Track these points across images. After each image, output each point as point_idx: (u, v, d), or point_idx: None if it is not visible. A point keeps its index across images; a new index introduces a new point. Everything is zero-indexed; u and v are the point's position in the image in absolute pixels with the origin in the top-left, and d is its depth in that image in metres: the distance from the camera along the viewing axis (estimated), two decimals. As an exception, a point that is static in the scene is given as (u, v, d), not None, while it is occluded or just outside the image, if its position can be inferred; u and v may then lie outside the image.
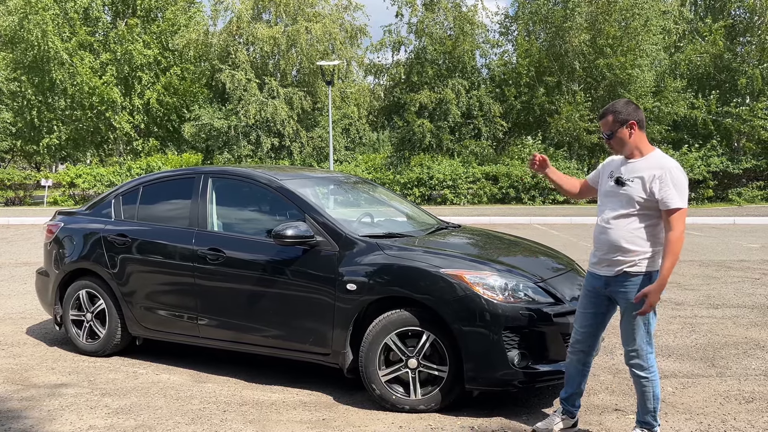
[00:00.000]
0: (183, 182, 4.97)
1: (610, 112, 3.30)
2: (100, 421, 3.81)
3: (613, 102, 3.37)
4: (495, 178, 22.73)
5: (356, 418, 3.81)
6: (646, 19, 22.46)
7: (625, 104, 3.32)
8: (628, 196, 3.23)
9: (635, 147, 3.28)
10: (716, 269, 8.96)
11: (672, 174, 3.15)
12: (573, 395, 3.55)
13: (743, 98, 24.41)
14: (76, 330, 5.17)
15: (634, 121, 3.26)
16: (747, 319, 6.08)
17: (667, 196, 3.12)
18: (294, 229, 4.11)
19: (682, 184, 3.15)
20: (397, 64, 26.41)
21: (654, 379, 3.27)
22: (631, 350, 3.28)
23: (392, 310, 3.89)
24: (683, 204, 3.13)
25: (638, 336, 3.24)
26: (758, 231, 14.38)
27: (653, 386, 3.26)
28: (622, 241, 3.22)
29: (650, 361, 3.26)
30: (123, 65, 27.15)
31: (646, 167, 3.22)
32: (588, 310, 3.43)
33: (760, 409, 3.89)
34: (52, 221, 5.56)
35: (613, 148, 3.37)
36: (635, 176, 3.23)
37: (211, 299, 4.53)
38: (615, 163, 3.40)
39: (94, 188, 23.28)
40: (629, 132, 3.26)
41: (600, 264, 3.34)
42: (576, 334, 3.47)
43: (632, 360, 3.28)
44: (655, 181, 3.15)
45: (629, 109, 3.29)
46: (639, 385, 3.29)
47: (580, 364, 3.49)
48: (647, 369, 3.25)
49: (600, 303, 3.40)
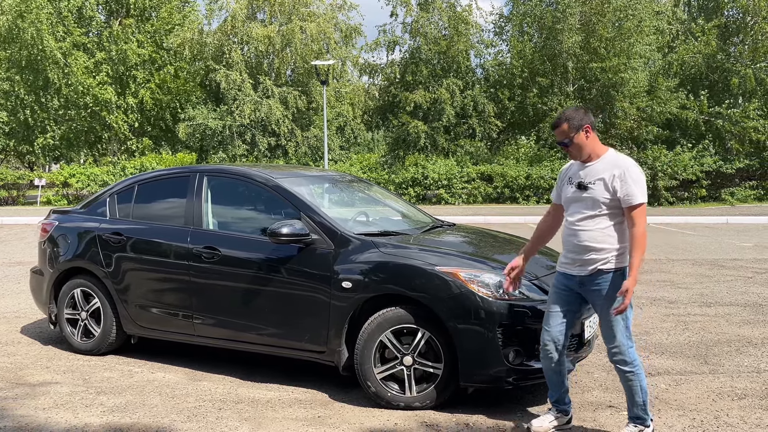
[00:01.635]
0: (178, 181, 4.97)
1: (564, 120, 3.35)
2: (95, 419, 3.81)
3: (563, 110, 3.43)
4: (490, 177, 22.78)
5: (351, 416, 3.83)
6: (640, 19, 22.54)
7: (576, 110, 3.38)
8: (593, 198, 3.30)
9: (592, 150, 3.35)
10: (709, 268, 9.01)
11: (631, 172, 3.24)
12: (562, 394, 3.57)
13: (735, 98, 24.53)
14: (70, 329, 5.16)
15: (588, 125, 3.33)
16: (739, 317, 6.13)
17: (629, 194, 3.22)
18: (289, 227, 4.12)
19: (641, 181, 3.25)
20: (391, 63, 26.42)
21: (639, 372, 3.31)
22: (613, 347, 3.32)
23: (387, 307, 3.90)
24: (644, 199, 3.23)
25: (618, 332, 3.29)
26: (751, 230, 14.47)
27: (639, 380, 3.31)
28: (592, 241, 3.30)
29: (632, 355, 3.31)
30: (117, 65, 27.07)
31: (604, 168, 3.30)
32: (559, 309, 3.46)
33: (752, 406, 3.93)
34: (47, 220, 5.55)
35: (572, 154, 3.41)
36: (596, 178, 3.30)
37: (206, 297, 4.53)
38: (572, 169, 3.46)
39: (88, 188, 23.20)
40: (585, 135, 3.33)
41: (573, 264, 3.39)
42: (546, 335, 3.48)
43: (616, 357, 3.32)
44: (616, 180, 3.24)
45: (581, 114, 3.35)
46: (625, 380, 3.33)
47: (556, 364, 3.50)
48: (631, 363, 3.30)
49: (572, 301, 3.45)
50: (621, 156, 3.34)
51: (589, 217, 3.31)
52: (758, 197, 22.41)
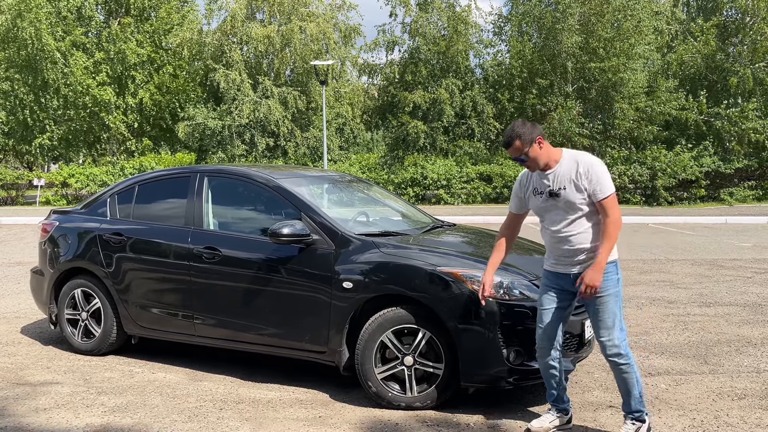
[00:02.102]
0: (179, 181, 4.98)
1: (515, 137, 3.34)
2: (96, 419, 3.81)
3: (509, 128, 3.39)
4: (489, 178, 22.78)
5: (352, 416, 3.83)
6: (639, 20, 22.55)
7: (523, 125, 3.37)
8: (568, 201, 3.32)
9: (548, 158, 3.37)
10: (708, 268, 9.02)
11: (593, 167, 3.29)
12: (559, 393, 3.58)
13: (735, 98, 24.55)
14: (71, 329, 5.16)
15: (540, 136, 3.35)
16: (739, 317, 6.14)
17: (597, 187, 3.26)
18: (290, 227, 4.12)
19: (605, 172, 3.30)
20: (390, 63, 26.41)
21: (633, 363, 3.35)
22: (607, 340, 3.32)
23: (388, 307, 3.91)
24: (612, 189, 3.28)
25: (612, 325, 3.32)
26: (750, 230, 14.48)
27: (634, 371, 3.34)
28: (583, 242, 3.34)
29: (626, 348, 3.34)
30: (116, 65, 27.05)
31: (567, 170, 3.32)
32: (551, 306, 3.48)
33: (752, 406, 3.94)
34: (47, 220, 5.55)
35: (531, 167, 3.43)
36: (564, 183, 3.33)
37: (207, 298, 4.54)
38: (534, 179, 3.46)
39: (87, 188, 23.19)
40: (539, 147, 3.35)
41: (567, 266, 3.41)
42: (541, 334, 3.50)
43: (611, 350, 3.33)
44: (582, 179, 3.28)
45: (529, 128, 3.36)
46: (620, 372, 3.35)
47: (552, 362, 3.52)
48: (625, 356, 3.33)
49: (564, 298, 3.47)
50: (578, 154, 3.38)
51: (572, 221, 3.34)
52: (757, 197, 22.43)
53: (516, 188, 3.58)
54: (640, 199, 21.81)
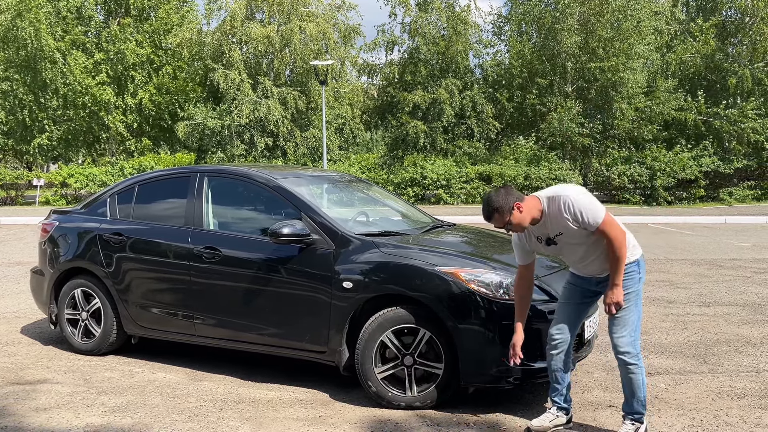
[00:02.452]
0: (179, 181, 4.98)
1: (494, 210, 3.32)
2: (96, 419, 3.81)
3: (485, 201, 3.37)
4: (488, 178, 22.77)
5: (352, 415, 3.83)
6: (639, 20, 22.56)
7: (497, 195, 3.34)
8: (570, 241, 3.36)
9: (531, 215, 3.35)
10: (708, 268, 9.03)
11: (575, 203, 3.25)
12: (564, 391, 3.59)
13: (734, 98, 24.56)
14: (71, 329, 5.16)
15: (516, 202, 3.32)
16: (738, 317, 6.14)
17: (587, 219, 3.24)
18: (290, 227, 4.12)
19: (587, 202, 3.26)
20: (390, 63, 26.40)
21: (641, 366, 3.36)
22: (620, 337, 3.34)
23: (388, 307, 3.91)
24: (602, 213, 3.25)
25: (630, 322, 3.33)
26: (749, 230, 14.49)
27: (641, 373, 3.36)
28: (605, 263, 3.36)
29: (638, 348, 3.36)
30: (116, 64, 27.04)
31: (554, 215, 3.31)
32: (573, 301, 3.52)
33: (751, 405, 3.94)
34: (47, 220, 5.55)
35: (518, 230, 3.43)
36: (558, 229, 3.34)
37: (207, 297, 4.54)
38: (531, 229, 3.44)
39: (87, 188, 23.18)
40: (519, 212, 3.33)
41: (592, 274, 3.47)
42: (556, 329, 3.52)
43: (622, 348, 3.34)
44: (571, 218, 3.26)
45: (501, 197, 3.32)
46: (628, 373, 3.36)
47: (564, 355, 3.54)
48: (636, 356, 3.34)
49: (586, 294, 3.52)
50: (555, 195, 3.31)
51: (585, 253, 3.38)
52: (756, 197, 22.45)
53: (516, 241, 3.57)
54: (640, 199, 21.83)
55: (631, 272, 3.34)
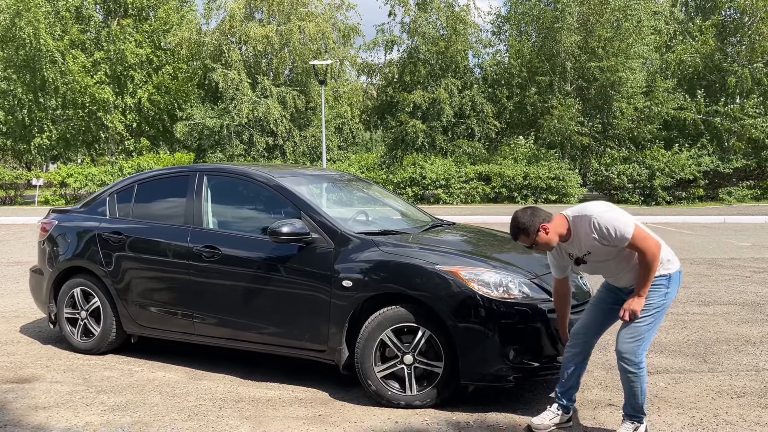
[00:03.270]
0: (178, 180, 4.97)
1: (520, 231, 3.37)
2: (96, 417, 3.81)
3: (513, 221, 3.41)
4: (488, 177, 22.78)
5: (352, 414, 3.83)
6: (638, 20, 22.57)
7: (524, 216, 3.37)
8: (599, 259, 3.35)
9: (559, 236, 3.36)
10: (707, 267, 9.03)
11: (602, 221, 3.24)
12: (570, 390, 3.58)
13: (733, 98, 24.58)
14: (70, 328, 5.16)
15: (542, 223, 3.34)
16: (738, 316, 6.14)
17: (617, 237, 3.22)
18: (290, 226, 4.12)
19: (614, 219, 3.25)
20: (389, 63, 26.42)
21: (642, 375, 3.32)
22: (626, 339, 3.31)
23: (388, 306, 3.91)
24: (631, 229, 3.22)
25: (640, 329, 3.29)
26: (748, 230, 14.50)
27: (641, 382, 3.32)
28: (634, 276, 3.34)
29: (641, 357, 3.31)
30: (115, 64, 27.02)
31: (584, 235, 3.30)
32: (602, 303, 3.52)
33: (751, 404, 3.94)
34: (46, 219, 5.54)
35: (545, 250, 3.46)
36: (586, 248, 3.34)
37: (206, 296, 4.53)
38: (562, 246, 3.45)
39: (86, 188, 23.16)
40: (545, 233, 3.35)
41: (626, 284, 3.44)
42: (582, 325, 3.53)
43: (625, 351, 3.31)
44: (599, 238, 3.25)
45: (527, 217, 3.35)
46: (627, 380, 3.34)
47: (581, 356, 3.53)
48: (637, 364, 3.30)
49: (618, 299, 3.47)
50: (581, 214, 3.32)
51: (616, 266, 3.37)
52: (755, 197, 22.45)
53: (550, 258, 3.59)
54: (639, 199, 21.83)
55: (659, 285, 3.30)
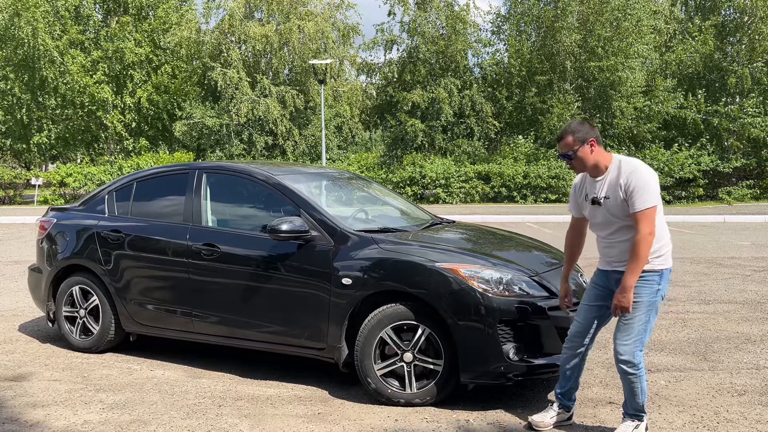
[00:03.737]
0: (177, 178, 4.96)
1: (569, 132, 3.31)
2: (94, 416, 3.79)
3: (568, 123, 3.38)
4: (487, 177, 22.77)
5: (352, 412, 3.82)
6: (638, 19, 22.56)
7: (581, 124, 3.34)
8: (612, 211, 3.26)
9: (598, 163, 3.31)
10: (707, 266, 9.02)
11: (636, 176, 3.17)
12: (570, 389, 3.57)
13: (733, 97, 24.56)
14: (69, 326, 5.14)
15: (594, 139, 3.29)
16: (738, 315, 6.13)
17: (635, 200, 3.16)
18: (289, 223, 4.11)
19: (646, 183, 3.15)
20: (389, 63, 26.40)
21: (641, 375, 3.29)
22: (623, 344, 3.27)
23: (387, 304, 3.90)
24: (647, 204, 3.13)
25: (634, 330, 3.25)
26: (748, 229, 14.49)
27: (640, 382, 3.29)
28: (626, 250, 3.24)
29: (639, 358, 3.28)
30: (114, 63, 27.00)
31: (614, 179, 3.25)
32: (594, 302, 3.46)
33: (752, 402, 3.93)
34: (45, 217, 5.53)
35: (575, 168, 3.39)
36: (609, 192, 3.26)
37: (205, 295, 4.52)
38: (586, 184, 3.42)
39: (85, 187, 23.15)
40: (590, 149, 3.29)
41: (617, 263, 3.33)
42: (577, 327, 3.49)
43: (622, 356, 3.27)
44: (622, 188, 3.19)
45: (586, 128, 3.32)
46: (627, 381, 3.31)
47: (578, 357, 3.51)
48: (636, 366, 3.26)
49: (609, 297, 3.41)
50: (625, 161, 3.26)
51: (616, 230, 3.28)
52: (755, 196, 22.45)
53: (572, 192, 3.56)
54: (638, 198, 21.81)
55: (650, 281, 3.22)
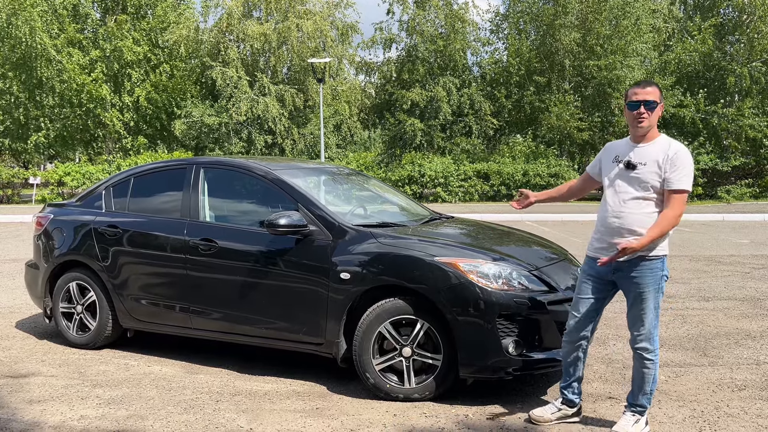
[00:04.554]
0: (175, 173, 4.92)
1: (654, 84, 3.32)
2: (91, 411, 3.77)
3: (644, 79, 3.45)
4: (486, 175, 22.78)
5: (350, 407, 3.80)
6: (637, 17, 22.57)
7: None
8: (640, 179, 3.23)
9: (653, 128, 3.30)
10: (706, 264, 9.01)
11: (681, 156, 3.19)
12: (572, 383, 3.55)
13: (732, 96, 24.59)
14: (66, 322, 5.11)
15: (662, 104, 3.34)
16: (738, 311, 6.12)
17: (675, 177, 3.17)
18: (287, 218, 4.08)
19: (689, 168, 3.19)
20: (388, 61, 26.40)
21: (657, 361, 3.30)
22: (639, 334, 3.28)
23: (386, 298, 3.87)
24: (686, 186, 3.18)
25: (647, 319, 3.26)
26: (747, 228, 14.48)
27: (655, 368, 3.30)
28: (637, 225, 3.22)
29: (656, 343, 3.30)
30: (112, 62, 26.95)
31: (658, 150, 3.23)
32: (588, 295, 3.43)
33: (752, 396, 3.91)
34: (42, 213, 5.50)
35: (643, 121, 3.24)
36: (647, 159, 3.23)
37: (203, 290, 4.49)
38: (619, 148, 3.40)
39: (83, 186, 23.11)
40: (659, 109, 3.31)
41: (609, 249, 3.29)
42: (573, 320, 3.47)
43: (640, 343, 3.28)
44: (667, 162, 3.18)
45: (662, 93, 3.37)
46: (642, 366, 3.30)
47: (578, 350, 3.49)
48: (653, 351, 3.28)
49: (602, 288, 3.40)
50: (675, 141, 3.28)
51: (636, 198, 3.24)
52: (754, 195, 22.47)
53: (601, 153, 3.56)
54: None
55: (654, 268, 3.23)
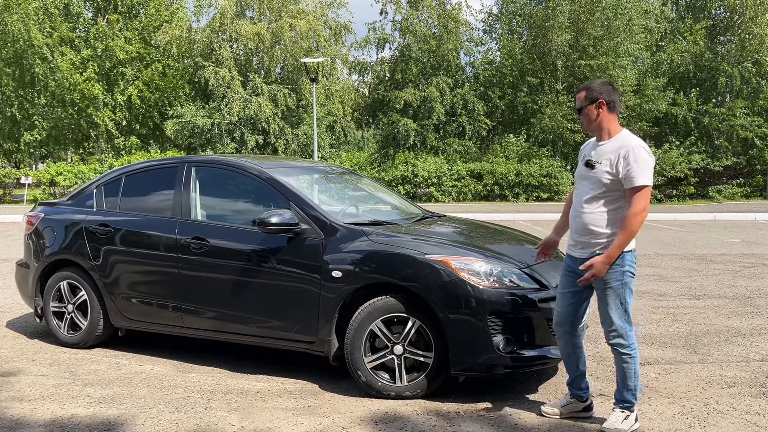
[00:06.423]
0: (166, 171, 4.91)
1: (585, 88, 3.36)
2: (82, 410, 3.76)
3: (593, 79, 3.44)
4: (479, 175, 22.81)
5: (342, 405, 3.80)
6: (629, 18, 22.66)
7: (602, 84, 3.36)
8: (596, 178, 3.28)
9: (603, 128, 3.32)
10: (697, 262, 9.06)
11: (636, 152, 3.19)
12: (577, 378, 3.56)
13: (723, 97, 24.73)
14: (57, 322, 5.09)
15: (604, 101, 3.30)
16: (728, 309, 6.16)
17: (630, 174, 3.17)
18: (279, 216, 4.08)
19: (646, 163, 3.18)
20: (381, 61, 26.41)
21: (635, 355, 3.32)
22: (610, 330, 3.33)
23: (378, 296, 3.88)
24: (645, 182, 3.17)
25: (614, 315, 3.30)
26: (738, 227, 14.57)
27: (634, 363, 3.32)
28: (592, 224, 3.30)
29: (631, 338, 3.32)
30: (104, 61, 26.82)
31: (613, 149, 3.26)
32: (568, 289, 3.48)
33: (741, 393, 3.94)
34: (33, 212, 5.47)
35: (583, 124, 3.42)
36: (603, 158, 3.27)
37: (194, 289, 4.48)
38: (588, 148, 3.45)
39: (75, 186, 23.00)
40: (597, 112, 3.31)
41: (576, 246, 3.41)
42: (558, 316, 3.52)
43: (613, 339, 3.32)
44: (620, 160, 3.20)
45: (603, 88, 3.32)
46: (621, 361, 3.33)
47: (569, 345, 3.52)
48: (628, 346, 3.31)
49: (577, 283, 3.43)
50: (632, 137, 3.28)
51: (592, 198, 3.30)
52: (745, 195, 22.61)
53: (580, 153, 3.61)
54: (630, 197, 21.93)
55: (616, 265, 3.24)
